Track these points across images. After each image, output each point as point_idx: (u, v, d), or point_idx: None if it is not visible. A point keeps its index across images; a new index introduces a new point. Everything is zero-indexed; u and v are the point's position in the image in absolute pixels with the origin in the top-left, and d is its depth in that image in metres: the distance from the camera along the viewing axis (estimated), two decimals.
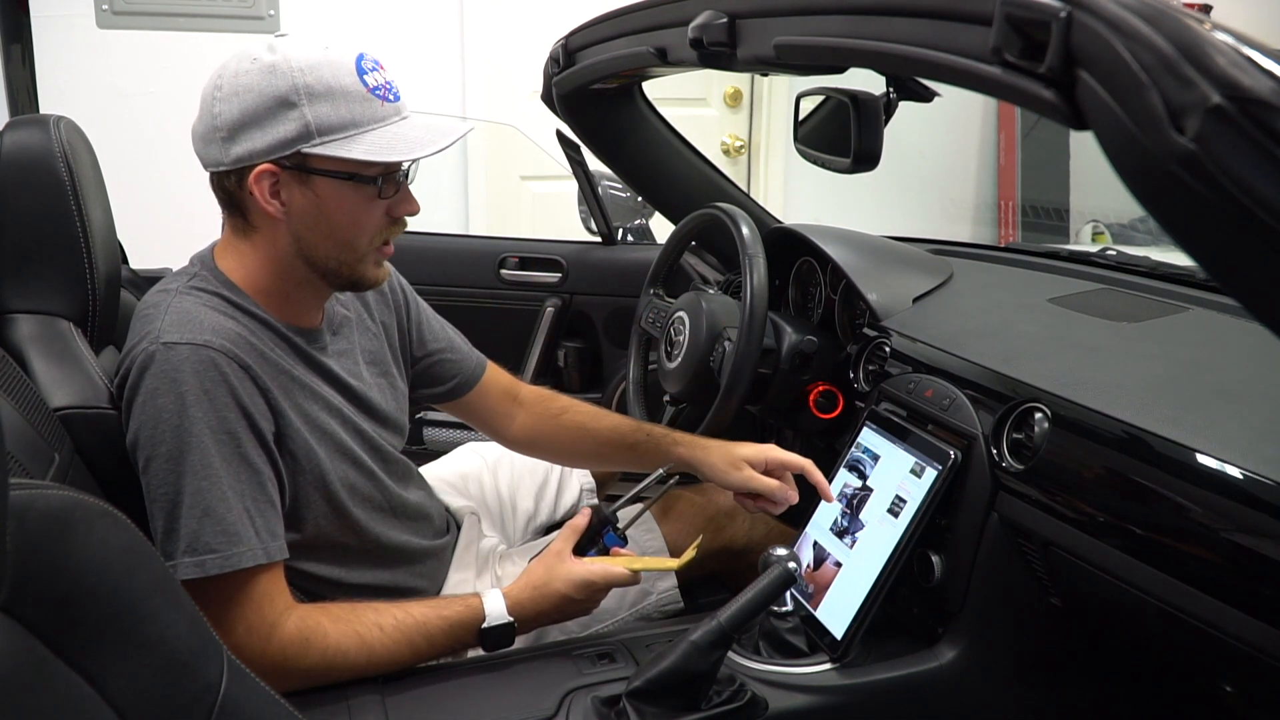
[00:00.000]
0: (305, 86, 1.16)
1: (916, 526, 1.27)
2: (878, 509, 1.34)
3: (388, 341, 1.47)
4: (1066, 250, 1.87)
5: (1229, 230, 0.60)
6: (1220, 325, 1.32)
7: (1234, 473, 0.98)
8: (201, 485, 1.13)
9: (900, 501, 1.31)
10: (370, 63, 1.21)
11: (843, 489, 1.42)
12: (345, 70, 1.18)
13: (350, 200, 1.22)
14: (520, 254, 2.36)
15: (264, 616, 1.16)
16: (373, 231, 1.25)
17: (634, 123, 1.91)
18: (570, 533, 1.37)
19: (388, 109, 1.21)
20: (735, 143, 4.05)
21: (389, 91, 1.22)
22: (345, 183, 1.20)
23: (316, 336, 1.32)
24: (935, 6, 0.84)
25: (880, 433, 1.41)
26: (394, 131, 1.20)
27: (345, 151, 1.17)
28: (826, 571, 1.36)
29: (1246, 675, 1.02)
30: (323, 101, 1.17)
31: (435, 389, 1.56)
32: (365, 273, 1.28)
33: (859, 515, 1.36)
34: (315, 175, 1.19)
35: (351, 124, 1.18)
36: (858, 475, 1.40)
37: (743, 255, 1.50)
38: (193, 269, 1.28)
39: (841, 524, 1.38)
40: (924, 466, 1.30)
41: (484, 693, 1.22)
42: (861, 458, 1.42)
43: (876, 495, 1.36)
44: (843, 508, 1.40)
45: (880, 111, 1.33)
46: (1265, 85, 0.57)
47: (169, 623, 0.79)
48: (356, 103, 1.18)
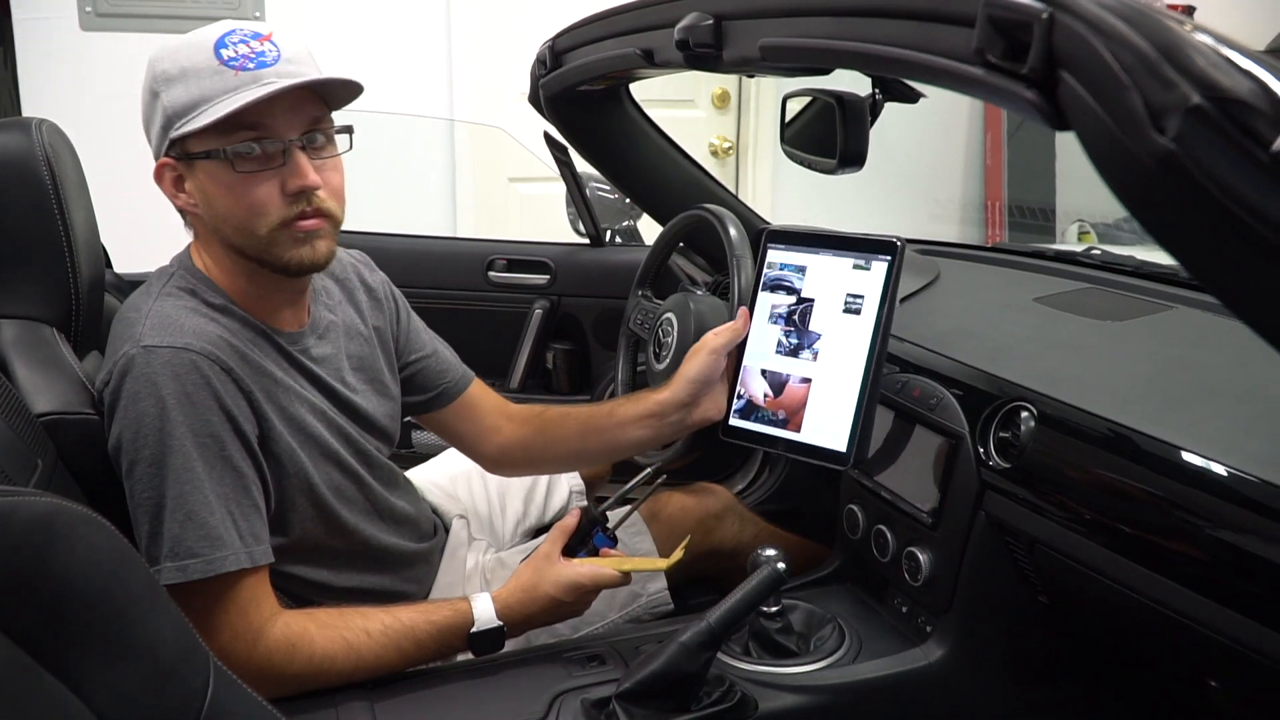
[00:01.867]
0: (163, 73, 1.15)
1: (888, 314, 1.26)
2: (830, 313, 1.32)
3: (380, 347, 1.45)
4: (1052, 250, 1.87)
5: (1209, 229, 0.60)
6: (1205, 324, 1.33)
7: (1219, 470, 0.99)
8: (184, 490, 1.13)
9: (854, 299, 1.29)
10: (240, 36, 1.16)
11: (772, 310, 1.39)
12: (201, 49, 1.15)
13: (227, 180, 1.17)
14: (508, 256, 2.35)
15: (249, 622, 1.16)
16: (267, 210, 1.18)
17: (621, 124, 1.91)
18: (559, 534, 1.36)
19: (243, 77, 1.14)
20: (723, 144, 4.05)
21: (250, 61, 1.14)
22: (219, 162, 1.16)
23: (298, 339, 1.30)
24: (919, 8, 0.84)
25: (791, 249, 1.38)
26: (244, 97, 1.13)
27: (192, 126, 1.14)
28: (794, 392, 1.34)
29: (1232, 670, 1.03)
30: (176, 84, 1.15)
31: (417, 397, 1.53)
32: (280, 255, 1.20)
33: (808, 327, 1.34)
34: (196, 160, 1.17)
35: (201, 100, 1.14)
36: (786, 291, 1.38)
37: (730, 256, 1.50)
38: (171, 269, 1.28)
39: (789, 343, 1.36)
40: (869, 260, 1.29)
41: (473, 697, 1.22)
42: (783, 275, 1.38)
43: (822, 302, 1.33)
44: (782, 327, 1.37)
45: (866, 112, 1.33)
46: (1244, 86, 0.57)
47: (154, 629, 0.79)
48: (206, 78, 1.14)
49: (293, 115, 1.17)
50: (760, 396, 1.37)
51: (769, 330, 1.38)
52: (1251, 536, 0.95)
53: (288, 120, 1.17)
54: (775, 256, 1.40)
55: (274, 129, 1.16)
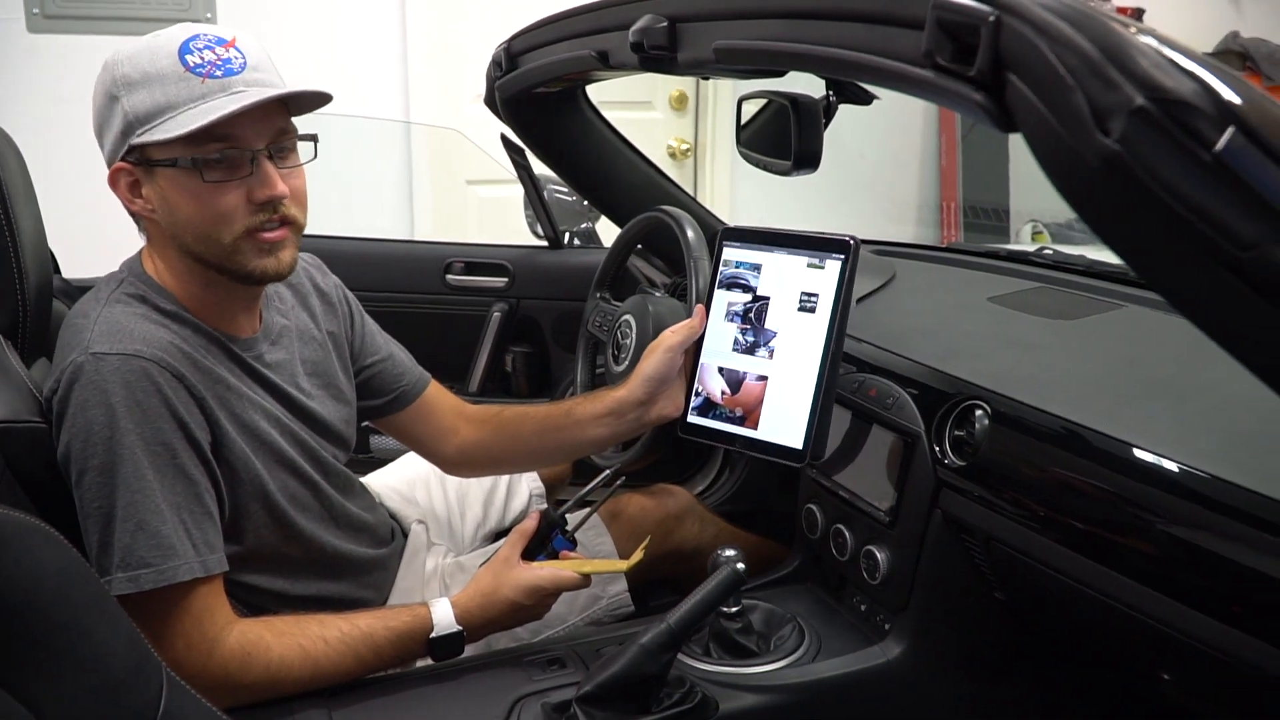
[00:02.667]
0: (123, 77, 1.13)
1: (843, 312, 1.27)
2: (785, 311, 1.32)
3: (335, 353, 1.44)
4: (1005, 250, 1.90)
5: (1153, 228, 0.61)
6: (1153, 321, 1.35)
7: (1170, 466, 1.00)
8: (135, 499, 1.11)
9: (810, 297, 1.30)
10: (205, 41, 1.15)
11: (729, 308, 1.39)
12: (165, 53, 1.13)
13: (192, 189, 1.15)
14: (466, 259, 2.34)
15: (204, 632, 1.14)
16: (232, 219, 1.17)
17: (578, 126, 1.91)
18: (518, 537, 1.36)
19: (210, 85, 1.13)
20: (681, 146, 4.06)
21: (216, 68, 1.13)
22: (184, 171, 1.15)
23: (251, 344, 1.29)
24: (869, 10, 0.85)
25: (747, 246, 1.38)
26: (211, 106, 1.12)
27: (162, 135, 1.12)
28: (750, 389, 1.34)
29: (1183, 663, 1.04)
30: (139, 89, 1.13)
31: (374, 401, 1.52)
32: (244, 264, 1.19)
33: (764, 325, 1.35)
34: (156, 167, 1.16)
35: (167, 107, 1.13)
36: (742, 289, 1.38)
37: (688, 258, 1.51)
38: (121, 274, 1.25)
39: (746, 341, 1.36)
40: (824, 259, 1.29)
41: (433, 702, 1.21)
42: (739, 273, 1.38)
43: (777, 300, 1.34)
44: (739, 325, 1.37)
45: (820, 114, 1.34)
46: (1187, 87, 0.58)
47: (105, 641, 0.78)
48: (171, 84, 1.13)
49: (261, 125, 1.16)
50: (718, 394, 1.38)
51: (725, 328, 1.38)
52: (1201, 531, 0.96)
53: (256, 130, 1.16)
54: (731, 254, 1.40)
55: (243, 139, 1.15)
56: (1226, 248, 0.59)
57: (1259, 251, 0.59)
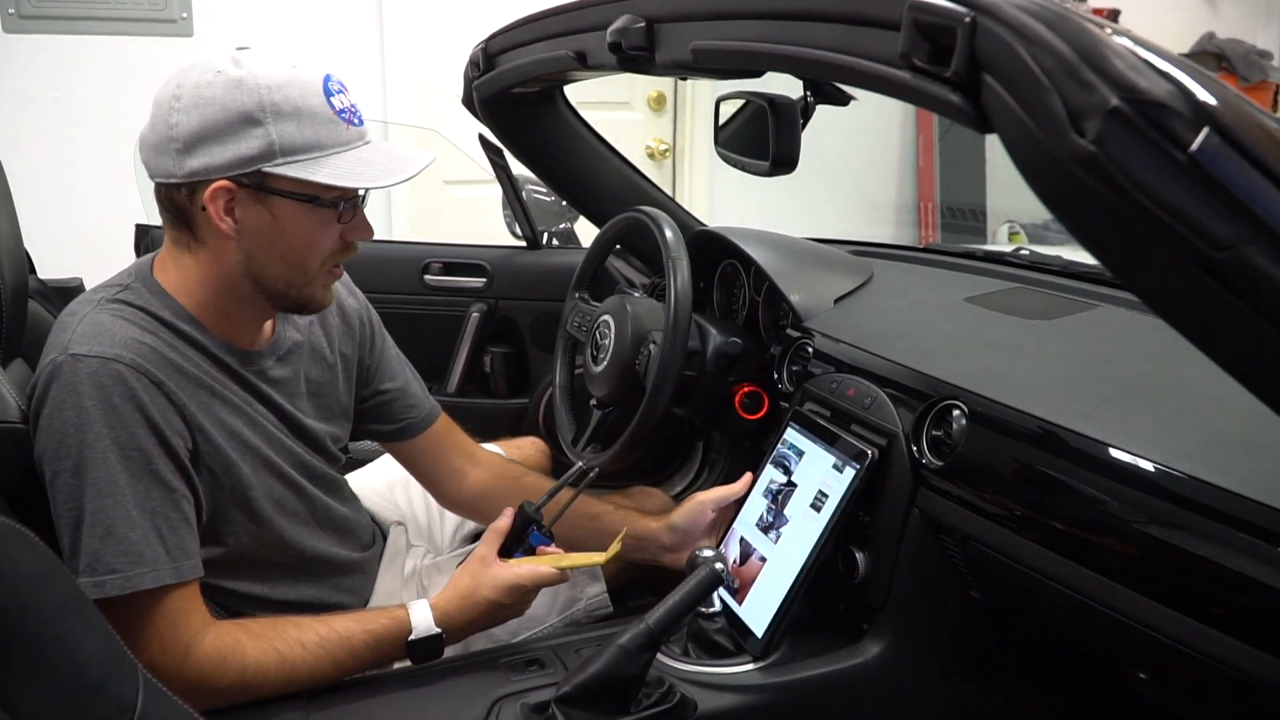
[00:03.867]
0: (272, 104, 1.13)
1: (837, 521, 1.28)
2: (801, 504, 1.35)
3: (343, 374, 1.44)
4: (982, 250, 1.91)
5: (1128, 229, 0.62)
6: (1129, 321, 1.36)
7: (1145, 466, 1.01)
8: (105, 504, 1.10)
9: (822, 496, 1.32)
10: (337, 84, 1.19)
11: (769, 484, 1.43)
12: (313, 90, 1.16)
13: (308, 223, 1.19)
14: (444, 259, 2.34)
15: (179, 636, 1.13)
16: (325, 255, 1.23)
17: (556, 126, 1.91)
18: (494, 536, 1.35)
19: (352, 133, 1.20)
20: (660, 146, 4.07)
21: (354, 115, 1.21)
22: (305, 205, 1.18)
23: (255, 359, 1.28)
24: (846, 11, 0.85)
25: (803, 432, 1.42)
26: (358, 156, 1.19)
27: (309, 174, 1.15)
28: (752, 567, 1.37)
29: (1159, 662, 1.05)
30: (289, 121, 1.14)
31: (383, 426, 1.53)
32: (313, 295, 1.26)
33: (784, 510, 1.37)
34: (274, 195, 1.16)
35: (316, 146, 1.16)
36: (783, 471, 1.42)
37: (666, 258, 1.51)
38: (125, 280, 1.24)
39: (767, 519, 1.39)
40: (844, 464, 1.31)
41: (412, 704, 1.21)
42: (787, 454, 1.43)
43: (800, 490, 1.37)
44: (768, 503, 1.41)
45: (797, 115, 1.34)
46: (1162, 88, 0.59)
47: (80, 643, 0.77)
48: (322, 125, 1.16)
49: None
50: (730, 560, 1.40)
51: (760, 502, 1.43)
52: (1177, 530, 0.97)
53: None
54: (790, 435, 1.44)
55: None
56: (1201, 248, 0.59)
57: (1234, 252, 0.59)
